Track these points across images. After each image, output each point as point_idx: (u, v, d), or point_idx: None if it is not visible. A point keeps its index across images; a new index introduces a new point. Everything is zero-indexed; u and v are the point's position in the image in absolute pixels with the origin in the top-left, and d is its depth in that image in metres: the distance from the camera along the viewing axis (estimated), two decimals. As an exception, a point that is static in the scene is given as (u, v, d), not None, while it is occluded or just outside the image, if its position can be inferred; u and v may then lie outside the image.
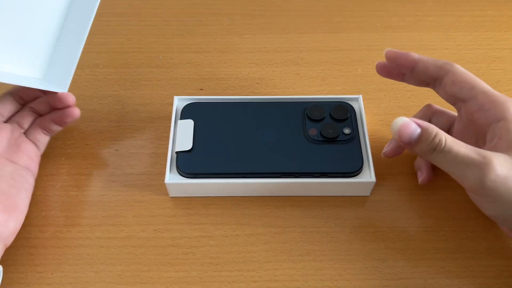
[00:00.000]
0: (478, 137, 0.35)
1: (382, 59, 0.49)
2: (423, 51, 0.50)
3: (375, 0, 0.55)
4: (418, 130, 0.32)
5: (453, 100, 0.35)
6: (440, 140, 0.31)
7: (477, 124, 0.34)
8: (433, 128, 0.32)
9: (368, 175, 0.38)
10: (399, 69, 0.38)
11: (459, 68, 0.35)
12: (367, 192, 0.39)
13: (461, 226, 0.38)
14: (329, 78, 0.48)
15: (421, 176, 0.39)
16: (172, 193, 0.39)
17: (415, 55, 0.37)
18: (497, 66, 0.49)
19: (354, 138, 0.39)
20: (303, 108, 0.41)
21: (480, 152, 0.31)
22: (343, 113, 0.40)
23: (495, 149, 0.32)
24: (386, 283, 0.35)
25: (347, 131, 0.39)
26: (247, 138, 0.39)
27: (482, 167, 0.30)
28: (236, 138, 0.39)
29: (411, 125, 0.32)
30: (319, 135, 0.39)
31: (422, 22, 0.53)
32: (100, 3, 0.54)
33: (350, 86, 0.47)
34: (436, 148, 0.31)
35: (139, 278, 0.35)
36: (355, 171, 0.38)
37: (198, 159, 0.38)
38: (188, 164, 0.38)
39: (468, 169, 0.31)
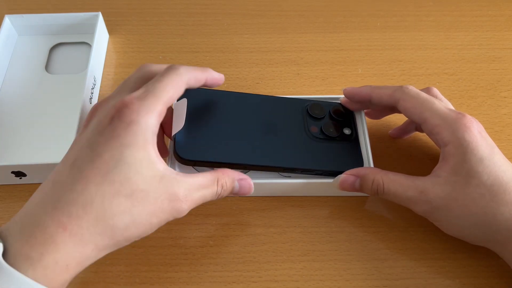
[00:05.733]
0: None
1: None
2: (423, 51, 0.50)
3: (375, 0, 0.55)
4: (358, 181, 0.35)
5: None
6: (378, 186, 0.34)
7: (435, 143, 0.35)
8: (370, 176, 0.35)
9: (368, 175, 0.38)
10: (361, 104, 0.40)
11: (410, 93, 0.35)
12: (367, 192, 0.39)
13: (461, 226, 0.38)
14: (329, 78, 0.48)
15: (395, 130, 0.42)
16: (172, 193, 0.39)
17: (367, 88, 0.38)
18: (498, 66, 0.49)
19: (354, 138, 0.39)
20: (304, 106, 0.41)
21: (418, 186, 0.33)
22: (343, 113, 0.40)
23: (440, 171, 0.33)
24: (386, 283, 0.35)
25: (347, 131, 0.39)
26: (249, 129, 0.38)
27: (420, 204, 0.33)
28: (237, 128, 0.38)
29: (349, 178, 0.36)
30: (320, 133, 0.39)
31: (422, 22, 0.53)
32: (100, 3, 0.55)
33: (350, 86, 0.47)
34: (378, 192, 0.35)
35: (138, 278, 0.35)
36: None
37: (197, 147, 0.36)
38: (187, 151, 0.36)
39: (410, 204, 0.34)
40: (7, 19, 0.48)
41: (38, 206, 0.26)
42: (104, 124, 0.28)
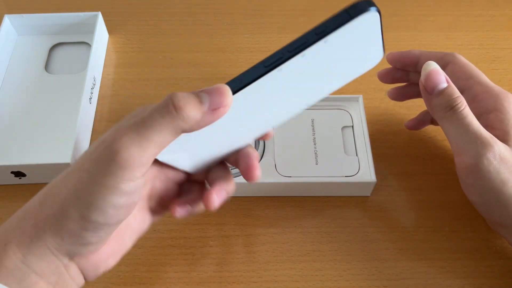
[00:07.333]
0: None
1: (383, 59, 0.49)
2: (423, 50, 0.50)
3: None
4: (445, 83, 0.33)
5: None
6: (461, 102, 0.32)
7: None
8: (456, 91, 0.32)
9: (368, 175, 0.38)
10: (403, 69, 0.39)
11: (461, 59, 0.36)
12: (367, 192, 0.39)
13: (461, 226, 0.38)
14: (329, 78, 0.48)
15: (411, 121, 0.42)
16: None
17: (416, 51, 0.38)
18: (498, 65, 0.49)
19: None
20: None
21: (490, 135, 0.31)
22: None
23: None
24: (386, 283, 0.35)
25: None
26: None
27: (486, 144, 0.31)
28: None
29: (441, 75, 0.33)
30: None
31: (422, 21, 0.53)
32: (100, 3, 0.54)
33: (350, 86, 0.46)
34: (454, 107, 0.32)
35: (138, 279, 0.35)
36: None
37: None
38: None
39: (472, 142, 0.31)
40: (6, 19, 0.48)
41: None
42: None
